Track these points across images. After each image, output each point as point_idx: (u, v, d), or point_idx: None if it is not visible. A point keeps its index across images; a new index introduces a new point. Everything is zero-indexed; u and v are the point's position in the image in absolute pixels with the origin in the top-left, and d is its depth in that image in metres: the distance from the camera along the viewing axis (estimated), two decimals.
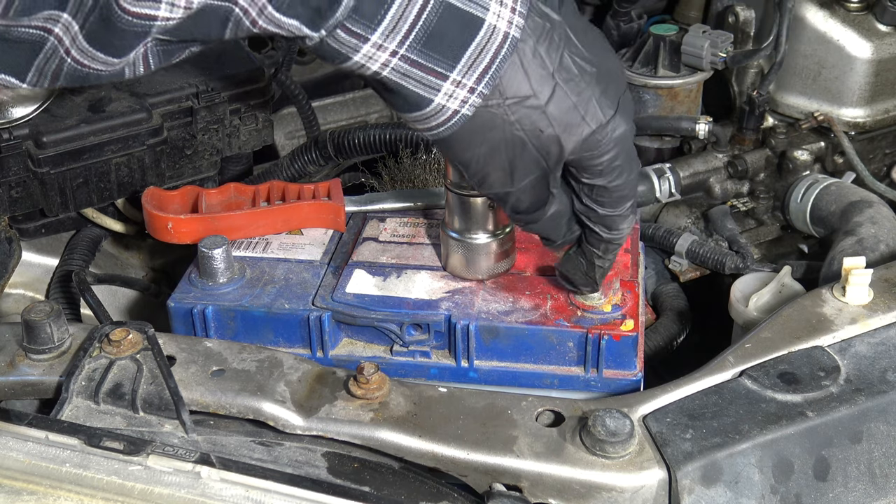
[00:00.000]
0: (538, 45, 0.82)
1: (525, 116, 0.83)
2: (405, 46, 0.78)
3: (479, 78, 0.80)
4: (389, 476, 0.83)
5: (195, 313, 1.05)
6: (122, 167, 1.28)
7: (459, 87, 0.80)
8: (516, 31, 0.80)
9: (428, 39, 0.78)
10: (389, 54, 0.78)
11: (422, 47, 0.79)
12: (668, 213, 1.45)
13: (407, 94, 0.81)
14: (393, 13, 0.76)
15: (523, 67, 0.82)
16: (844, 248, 1.19)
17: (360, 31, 0.77)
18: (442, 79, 0.80)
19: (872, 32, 1.43)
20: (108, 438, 0.77)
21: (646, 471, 0.82)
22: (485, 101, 0.82)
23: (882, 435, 0.87)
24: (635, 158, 0.90)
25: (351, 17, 0.76)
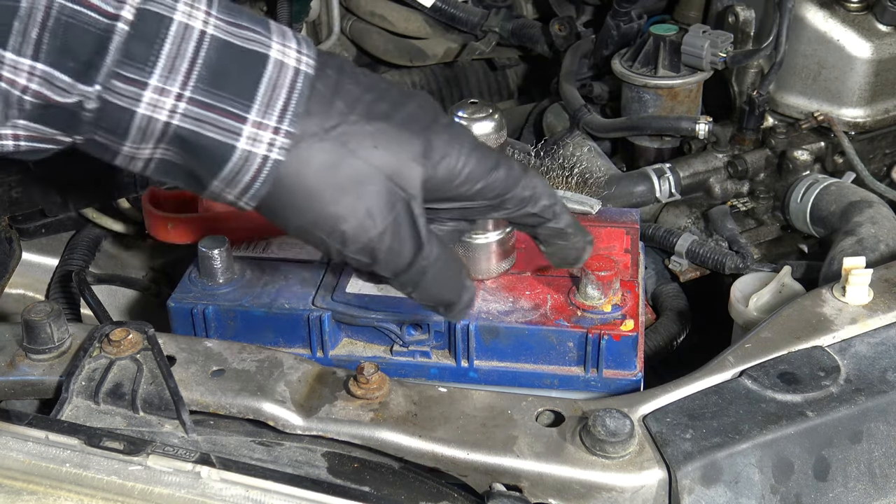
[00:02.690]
0: (338, 74, 0.78)
1: (352, 139, 0.77)
2: (189, 87, 0.72)
3: (281, 115, 0.75)
4: (389, 476, 0.83)
5: (195, 313, 1.05)
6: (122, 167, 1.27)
7: (262, 128, 0.74)
8: (307, 68, 0.76)
9: (213, 79, 0.73)
10: (175, 98, 0.72)
11: (208, 87, 0.73)
12: (668, 213, 1.45)
13: (207, 144, 0.74)
14: (167, 52, 0.72)
15: (329, 94, 0.77)
16: (844, 248, 1.19)
17: (137, 76, 0.71)
18: (240, 121, 0.74)
19: (872, 32, 1.43)
20: (108, 438, 0.77)
21: (646, 471, 0.82)
22: (297, 140, 0.75)
23: (882, 435, 0.87)
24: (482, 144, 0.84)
25: (123, 62, 0.71)
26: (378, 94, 0.80)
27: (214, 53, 0.73)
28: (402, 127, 0.79)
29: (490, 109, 0.99)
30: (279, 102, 0.75)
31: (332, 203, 0.78)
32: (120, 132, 0.74)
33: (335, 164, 0.77)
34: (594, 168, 1.43)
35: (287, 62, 0.76)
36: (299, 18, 1.73)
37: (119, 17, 0.70)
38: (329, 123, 0.77)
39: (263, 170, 0.75)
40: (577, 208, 1.17)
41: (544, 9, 1.87)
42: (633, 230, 1.16)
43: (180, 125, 0.73)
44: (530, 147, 1.35)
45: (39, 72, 0.70)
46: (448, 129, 0.82)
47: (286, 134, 0.75)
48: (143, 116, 0.73)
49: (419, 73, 1.87)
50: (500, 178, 0.84)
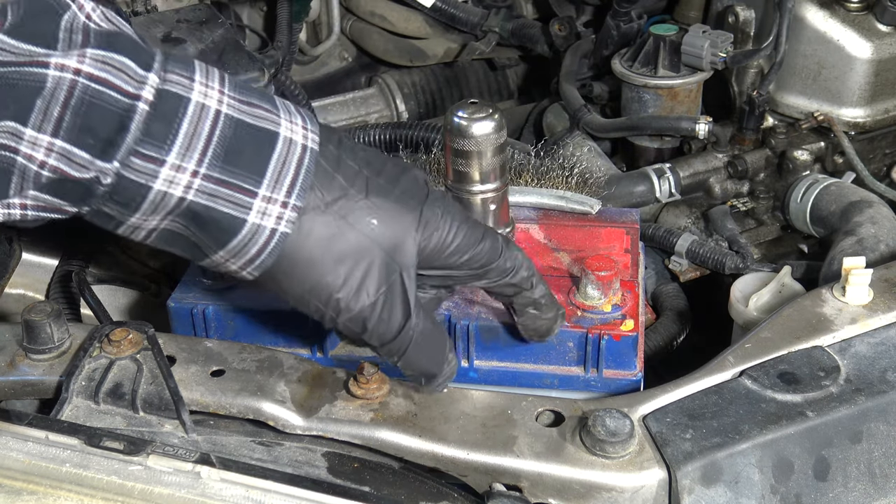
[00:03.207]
0: (338, 149, 0.82)
1: (352, 212, 0.81)
2: (205, 165, 0.75)
3: (289, 190, 0.78)
4: (389, 476, 0.83)
5: (195, 313, 1.05)
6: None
7: (271, 203, 0.77)
8: (313, 144, 0.80)
9: (227, 156, 0.76)
10: (191, 175, 0.75)
11: (223, 164, 0.76)
12: (668, 213, 1.45)
13: (218, 217, 0.77)
14: (185, 131, 0.74)
15: (331, 170, 0.81)
16: (844, 248, 1.19)
17: (155, 153, 0.74)
18: (251, 195, 0.77)
19: (872, 32, 1.43)
20: (108, 438, 0.77)
21: (646, 471, 0.82)
22: (302, 213, 0.79)
23: (882, 435, 0.87)
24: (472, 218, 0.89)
25: (142, 140, 0.73)
26: (375, 169, 0.83)
27: (228, 131, 0.76)
28: (398, 201, 0.83)
29: (490, 109, 0.99)
30: (288, 178, 0.78)
31: (330, 273, 0.81)
32: (133, 205, 0.76)
33: (334, 236, 0.80)
34: (594, 168, 1.43)
35: (295, 139, 0.79)
36: (299, 18, 1.73)
37: (140, 98, 0.73)
38: (330, 197, 0.80)
39: (271, 242, 0.79)
40: (577, 208, 1.17)
41: (544, 9, 1.87)
42: (633, 230, 1.16)
43: (194, 200, 0.76)
44: (530, 147, 1.35)
45: (58, 148, 0.72)
46: (440, 203, 0.86)
47: (294, 208, 0.78)
48: (159, 192, 0.75)
49: (419, 73, 1.87)
50: (486, 250, 0.87)
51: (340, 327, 0.84)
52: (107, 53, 0.72)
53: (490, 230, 0.90)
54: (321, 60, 1.92)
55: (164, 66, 0.75)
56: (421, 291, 0.91)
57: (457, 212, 0.87)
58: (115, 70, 0.72)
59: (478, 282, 0.90)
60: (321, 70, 1.93)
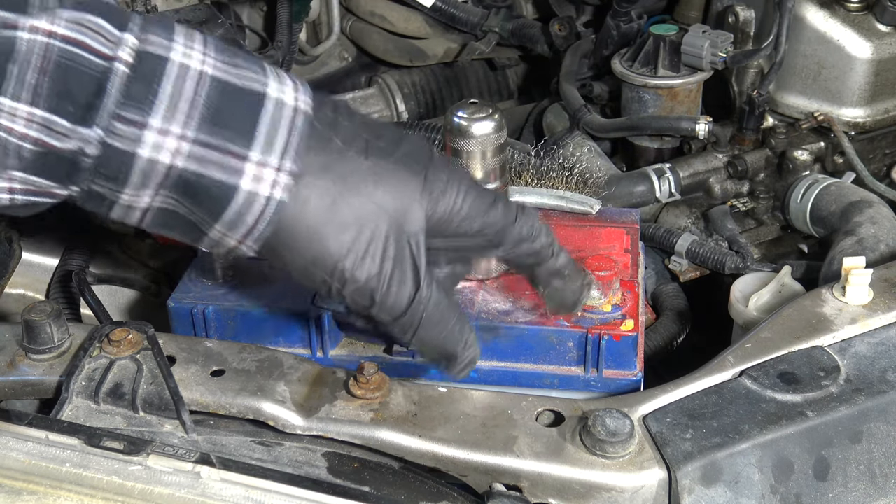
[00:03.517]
0: (335, 112, 0.78)
1: (352, 176, 0.76)
2: (192, 127, 0.71)
3: (283, 154, 0.74)
4: (389, 476, 0.83)
5: (195, 313, 1.05)
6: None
7: (264, 167, 0.73)
8: (305, 106, 0.76)
9: (214, 117, 0.72)
10: (177, 138, 0.71)
11: (211, 125, 0.72)
12: (668, 213, 1.45)
13: (209, 185, 0.73)
14: (167, 92, 0.71)
15: (328, 131, 0.77)
16: (844, 248, 1.19)
17: (137, 116, 0.70)
18: (241, 159, 0.73)
19: (872, 32, 1.43)
20: (108, 438, 0.77)
21: (646, 471, 0.82)
22: (298, 179, 0.75)
23: (882, 435, 0.87)
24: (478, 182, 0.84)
25: (123, 103, 0.70)
26: (375, 131, 0.79)
27: (214, 92, 0.72)
28: (401, 163, 0.78)
29: (490, 109, 0.99)
30: (280, 141, 0.74)
31: (332, 240, 0.77)
32: (121, 178, 0.72)
33: (334, 202, 0.76)
34: (594, 168, 1.43)
35: (286, 100, 0.75)
36: (299, 18, 1.73)
37: (117, 59, 0.70)
38: (328, 160, 0.76)
39: (267, 210, 0.74)
40: (577, 208, 1.17)
41: (544, 9, 1.87)
42: (633, 230, 1.16)
43: (184, 167, 0.72)
44: (530, 147, 1.35)
45: (38, 118, 0.69)
46: (445, 167, 0.81)
47: (288, 172, 0.74)
48: (146, 159, 0.71)
49: (419, 73, 1.87)
50: (499, 215, 0.83)
51: (348, 300, 0.80)
52: (81, 14, 0.69)
53: (502, 195, 0.85)
54: (321, 60, 1.93)
55: (143, 27, 0.72)
56: (436, 268, 0.87)
57: (464, 176, 0.82)
58: (90, 31, 0.69)
59: (495, 250, 0.85)
60: (321, 70, 1.93)
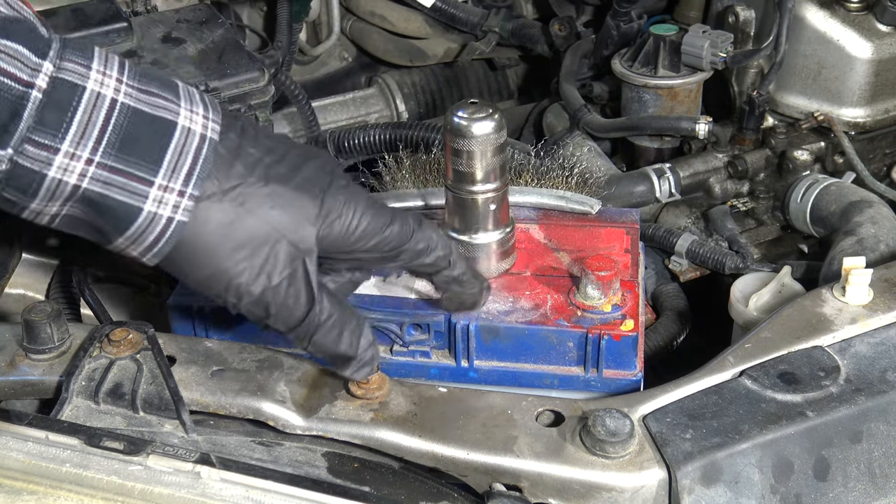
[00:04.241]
0: (240, 137, 0.82)
1: (250, 199, 0.81)
2: (100, 153, 0.76)
3: (186, 179, 0.79)
4: (389, 476, 0.83)
5: (195, 313, 1.05)
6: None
7: (167, 191, 0.78)
8: (213, 133, 0.80)
9: (122, 144, 0.76)
10: (85, 163, 0.76)
11: (118, 152, 0.76)
12: (668, 213, 1.45)
13: (113, 205, 0.77)
14: (79, 120, 0.75)
15: (231, 157, 0.81)
16: (844, 248, 1.19)
17: (48, 141, 0.74)
18: (146, 184, 0.77)
19: (872, 32, 1.43)
20: (108, 438, 0.77)
21: (646, 471, 0.82)
22: (199, 202, 0.79)
23: (882, 435, 0.87)
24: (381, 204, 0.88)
25: (36, 128, 0.74)
26: (277, 156, 0.84)
27: (124, 120, 0.77)
28: (298, 189, 0.83)
29: (490, 109, 0.99)
30: (185, 167, 0.79)
31: (228, 259, 0.81)
32: (29, 192, 0.77)
33: (232, 223, 0.81)
34: (594, 168, 1.43)
35: (194, 128, 0.79)
36: (299, 18, 1.73)
37: (33, 85, 0.73)
38: (229, 185, 0.80)
39: (168, 230, 0.79)
40: (577, 208, 1.17)
41: (544, 9, 1.87)
42: (633, 230, 1.16)
43: (89, 188, 0.77)
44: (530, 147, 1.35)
45: None
46: (344, 190, 0.85)
47: (190, 196, 0.79)
48: (53, 179, 0.76)
49: (419, 73, 1.87)
50: (394, 234, 0.88)
51: (244, 312, 0.85)
52: (1, 41, 0.72)
53: (400, 213, 0.89)
54: (321, 60, 1.92)
55: (61, 53, 0.75)
56: (335, 274, 0.92)
57: (361, 198, 0.87)
58: (9, 58, 0.72)
59: (391, 263, 0.91)
60: (321, 70, 1.93)
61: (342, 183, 0.86)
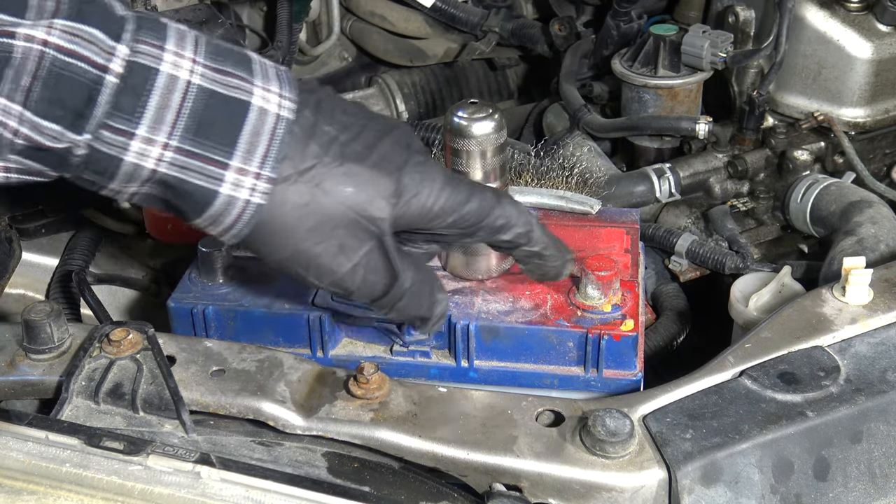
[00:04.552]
0: (315, 115, 0.81)
1: (325, 180, 0.80)
2: (176, 137, 0.76)
3: (262, 161, 0.78)
4: (389, 476, 0.83)
5: (195, 313, 1.05)
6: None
7: (244, 174, 0.78)
8: (287, 113, 0.79)
9: (198, 128, 0.76)
10: (161, 147, 0.76)
11: (194, 136, 0.76)
12: (668, 213, 1.45)
13: (191, 189, 0.78)
14: (154, 104, 0.74)
15: (305, 137, 0.80)
16: (844, 248, 1.19)
17: (125, 126, 0.74)
18: (223, 167, 0.77)
19: (872, 32, 1.43)
20: (108, 438, 0.77)
21: (646, 471, 0.82)
22: (276, 184, 0.79)
23: (882, 435, 0.87)
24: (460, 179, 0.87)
25: (112, 113, 0.74)
26: (353, 133, 0.82)
27: (199, 103, 0.76)
28: (374, 167, 0.82)
29: (490, 109, 0.99)
30: (260, 149, 0.78)
31: (306, 240, 0.81)
32: (108, 175, 0.77)
33: (308, 204, 0.80)
34: (594, 168, 1.43)
35: (268, 108, 0.78)
36: (299, 18, 1.73)
37: (108, 70, 0.73)
38: (304, 165, 0.80)
39: (245, 213, 0.79)
40: (577, 208, 1.17)
41: (544, 9, 1.87)
42: (633, 230, 1.16)
43: (166, 172, 0.77)
44: (530, 147, 1.35)
45: (28, 118, 0.72)
46: (421, 166, 0.84)
47: (267, 179, 0.79)
48: (130, 163, 0.76)
49: (419, 73, 1.87)
50: (472, 211, 0.87)
51: (325, 289, 0.86)
52: (76, 25, 0.72)
53: (478, 189, 0.88)
54: (321, 60, 1.92)
55: (136, 34, 0.74)
56: (412, 245, 0.92)
57: (439, 175, 0.85)
58: (84, 41, 0.72)
59: (469, 239, 0.90)
60: (321, 70, 1.93)
61: (419, 159, 0.85)
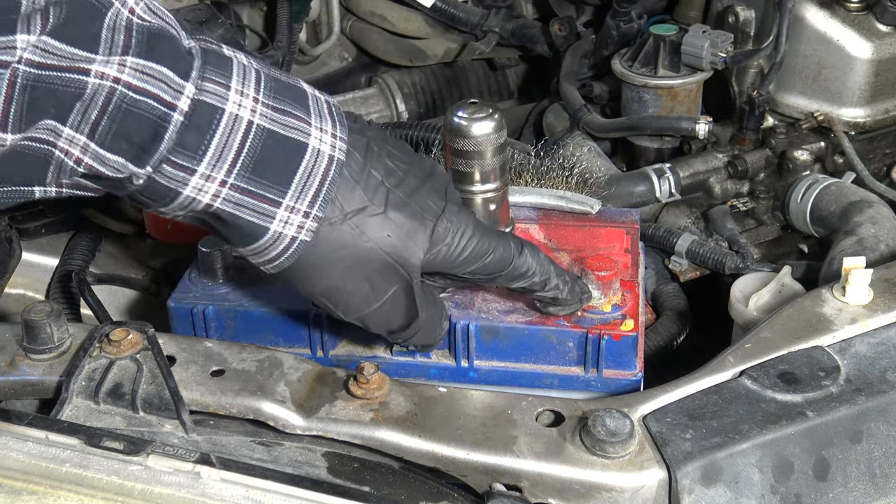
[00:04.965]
0: (364, 158, 0.84)
1: (368, 225, 0.84)
2: (234, 175, 0.78)
3: (312, 201, 0.81)
4: (389, 476, 0.83)
5: (195, 313, 1.05)
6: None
7: (294, 212, 0.81)
8: (340, 154, 0.82)
9: (255, 167, 0.78)
10: (219, 184, 0.78)
11: (250, 174, 0.78)
12: (668, 213, 1.45)
13: (242, 224, 0.80)
14: (217, 143, 0.76)
15: (353, 181, 0.83)
16: (844, 248, 1.19)
17: (186, 163, 0.76)
18: (275, 206, 0.80)
19: (872, 32, 1.43)
20: (108, 438, 0.77)
21: (646, 471, 0.82)
22: (322, 223, 0.82)
23: (882, 435, 0.87)
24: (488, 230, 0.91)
25: (175, 150, 0.75)
26: (397, 180, 0.86)
27: (259, 142, 0.78)
28: (413, 217, 0.86)
29: (490, 109, 0.99)
30: (312, 189, 0.81)
31: (341, 278, 0.85)
32: (163, 203, 0.79)
33: (347, 246, 0.84)
34: (594, 168, 1.43)
35: (323, 150, 0.81)
36: (299, 18, 1.73)
37: (175, 108, 0.74)
38: (350, 209, 0.83)
39: (290, 249, 0.82)
40: (577, 208, 1.17)
41: (544, 9, 1.87)
42: (633, 230, 1.16)
43: (221, 208, 0.79)
44: (530, 147, 1.35)
45: (92, 150, 0.74)
46: (455, 216, 0.89)
47: (315, 218, 0.82)
48: (188, 197, 0.78)
49: (419, 73, 1.87)
50: (495, 261, 0.91)
51: (348, 320, 0.90)
52: (147, 63, 0.73)
53: (504, 239, 0.92)
54: (321, 60, 1.93)
55: (202, 71, 0.76)
56: (429, 280, 0.95)
57: (469, 225, 0.89)
58: (154, 80, 0.73)
59: (488, 283, 0.95)
60: (321, 70, 1.93)
61: (454, 209, 0.89)
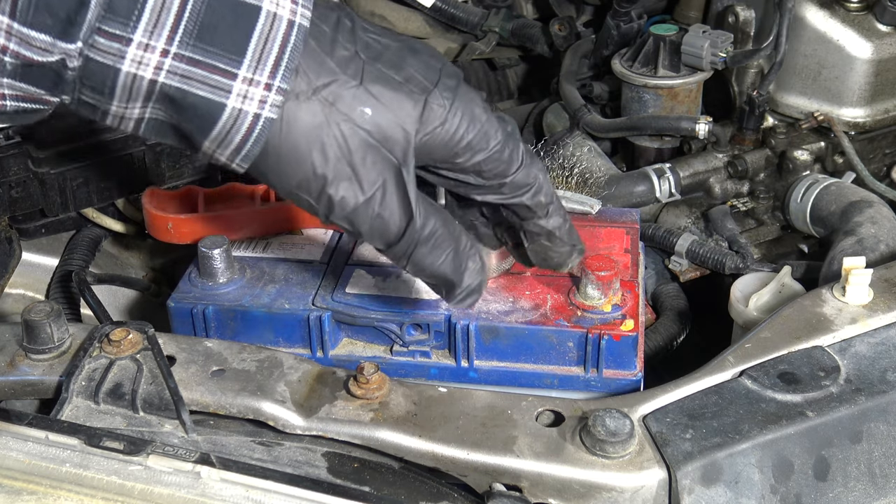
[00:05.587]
0: (334, 31, 0.74)
1: (342, 100, 0.73)
2: (175, 42, 0.69)
3: (273, 71, 0.71)
4: (389, 476, 0.83)
5: (195, 313, 1.05)
6: (121, 167, 1.28)
7: (253, 85, 0.71)
8: (303, 20, 0.72)
9: (201, 32, 0.69)
10: (160, 54, 0.69)
11: (196, 41, 0.69)
12: (668, 213, 1.45)
13: (196, 102, 0.71)
14: (151, 6, 0.68)
15: (321, 52, 0.73)
16: (844, 248, 1.19)
17: (120, 31, 0.68)
18: (230, 77, 0.70)
19: (872, 32, 1.43)
20: (108, 438, 0.77)
21: (646, 471, 0.82)
22: (288, 97, 0.72)
23: (882, 435, 0.87)
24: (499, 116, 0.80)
25: (105, 17, 0.67)
26: (376, 52, 0.76)
27: (202, 5, 0.69)
28: (398, 89, 0.75)
29: None
30: (271, 58, 0.71)
31: (318, 167, 0.74)
32: (106, 91, 0.71)
33: (320, 126, 0.73)
34: (594, 168, 1.43)
35: (280, 14, 0.71)
36: None
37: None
38: (319, 82, 0.73)
39: (255, 128, 0.72)
40: (577, 208, 1.17)
41: (544, 9, 1.87)
42: (633, 230, 1.16)
43: (167, 83, 0.70)
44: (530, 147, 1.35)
45: (16, 31, 0.67)
46: (451, 91, 0.77)
47: (278, 90, 0.72)
48: (128, 74, 0.70)
49: None
50: (503, 158, 0.80)
51: (339, 225, 0.79)
52: None
53: (513, 138, 0.80)
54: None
55: None
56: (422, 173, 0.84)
57: (472, 104, 0.78)
58: None
59: (489, 194, 0.83)
60: None
61: (451, 83, 0.77)
